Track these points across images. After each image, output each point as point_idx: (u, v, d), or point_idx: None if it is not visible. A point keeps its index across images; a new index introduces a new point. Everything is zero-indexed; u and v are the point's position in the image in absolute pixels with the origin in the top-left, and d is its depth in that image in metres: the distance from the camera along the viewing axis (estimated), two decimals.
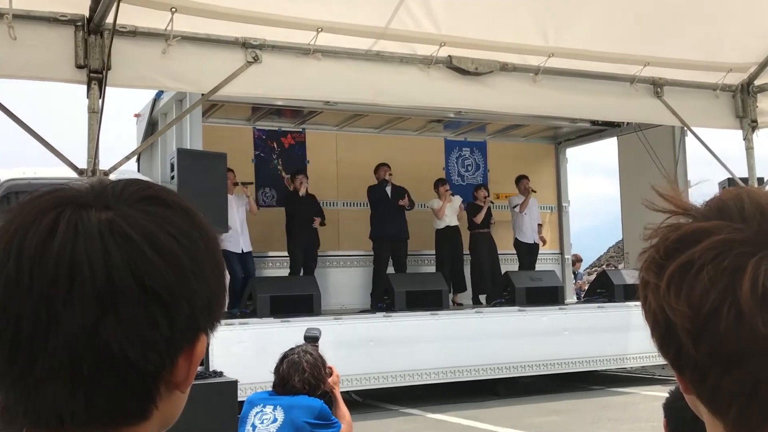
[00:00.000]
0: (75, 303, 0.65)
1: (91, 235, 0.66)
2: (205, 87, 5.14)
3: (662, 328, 0.74)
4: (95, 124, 4.66)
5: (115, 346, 0.65)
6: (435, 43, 5.47)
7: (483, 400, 9.50)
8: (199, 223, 0.73)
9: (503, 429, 7.98)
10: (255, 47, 5.12)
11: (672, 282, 0.72)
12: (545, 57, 5.72)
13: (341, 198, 11.82)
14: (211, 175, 8.68)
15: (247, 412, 3.53)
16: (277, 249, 10.87)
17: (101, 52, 4.69)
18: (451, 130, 12.79)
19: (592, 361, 10.32)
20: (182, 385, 0.71)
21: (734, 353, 0.69)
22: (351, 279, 11.62)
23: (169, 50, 4.93)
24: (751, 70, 6.44)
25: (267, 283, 9.64)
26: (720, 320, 0.69)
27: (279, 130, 11.75)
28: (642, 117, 7.09)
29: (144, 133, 10.24)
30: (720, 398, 0.71)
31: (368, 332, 9.23)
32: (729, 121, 6.61)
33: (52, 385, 0.65)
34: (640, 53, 5.90)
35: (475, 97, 5.73)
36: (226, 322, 8.51)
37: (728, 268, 0.69)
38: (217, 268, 0.74)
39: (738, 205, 0.73)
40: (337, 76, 5.32)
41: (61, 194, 0.70)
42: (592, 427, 7.99)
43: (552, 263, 13.09)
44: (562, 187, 13.72)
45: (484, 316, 10.00)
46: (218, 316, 0.74)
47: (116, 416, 0.67)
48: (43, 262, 0.65)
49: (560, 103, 6.05)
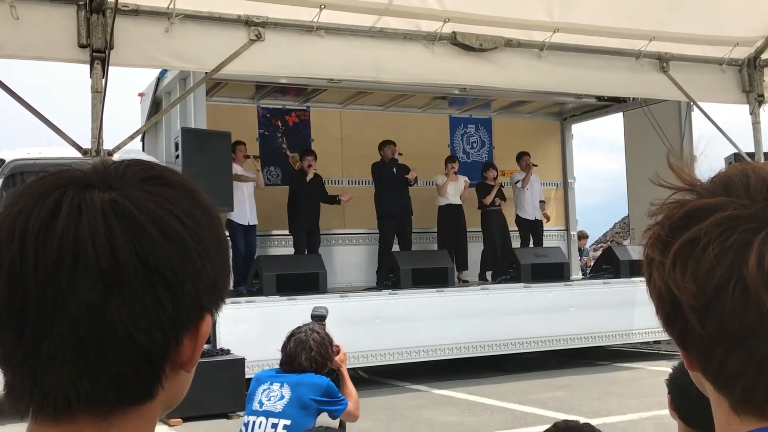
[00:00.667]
0: (79, 284, 0.65)
1: (95, 215, 0.66)
2: (208, 65, 5.12)
3: (668, 305, 0.74)
4: (98, 104, 4.65)
5: (120, 327, 0.65)
6: (439, 20, 5.42)
7: (489, 376, 9.55)
8: (203, 202, 0.73)
9: (509, 404, 8.03)
10: (258, 25, 5.08)
11: (678, 259, 0.72)
12: (550, 32, 5.67)
13: (346, 176, 11.81)
14: (216, 154, 8.70)
15: (255, 390, 3.55)
16: (280, 227, 10.89)
17: (104, 31, 4.66)
18: (456, 107, 12.73)
19: (597, 336, 10.35)
20: (187, 365, 0.72)
21: (740, 330, 0.69)
22: (356, 257, 11.65)
23: (172, 29, 4.90)
24: (758, 44, 6.37)
25: (273, 261, 9.67)
26: (726, 297, 0.69)
27: (283, 109, 11.72)
28: (648, 92, 7.03)
29: (148, 113, 10.23)
30: (726, 375, 0.71)
31: (374, 310, 9.27)
32: (735, 96, 6.55)
33: (58, 366, 0.65)
34: (645, 28, 5.84)
35: (479, 74, 5.68)
36: (233, 301, 8.57)
37: (734, 244, 0.69)
38: (221, 247, 0.73)
39: (743, 181, 0.73)
40: (340, 53, 5.29)
41: (63, 175, 0.70)
42: (598, 402, 8.02)
43: (557, 240, 13.09)
44: (567, 163, 13.67)
45: (490, 293, 10.03)
46: (223, 296, 0.74)
47: (123, 396, 0.68)
48: (47, 243, 0.65)
49: (565, 79, 6.00)
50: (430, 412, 7.85)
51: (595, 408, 7.68)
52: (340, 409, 3.53)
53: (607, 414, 7.34)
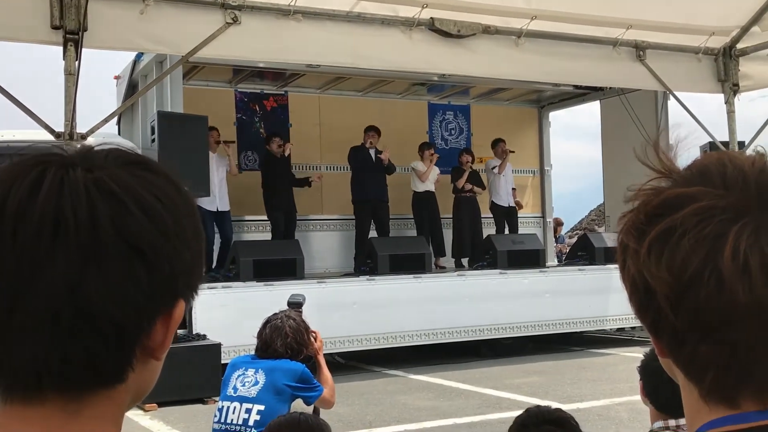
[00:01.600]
0: (58, 256, 0.65)
1: (77, 189, 0.66)
2: (184, 49, 5.06)
3: (641, 293, 0.74)
4: (72, 87, 4.58)
5: (96, 300, 0.65)
6: (417, 5, 5.40)
7: (465, 362, 9.63)
8: (182, 189, 0.74)
9: (485, 390, 8.11)
10: (234, 8, 5.03)
11: (653, 247, 0.72)
12: (528, 19, 5.67)
13: (324, 162, 11.78)
14: (192, 138, 8.62)
15: (230, 375, 3.56)
16: (258, 213, 10.86)
17: (77, 12, 4.59)
18: (435, 94, 12.74)
19: (572, 322, 10.47)
20: (158, 350, 0.72)
21: (714, 320, 0.69)
22: (334, 242, 11.66)
23: (147, 11, 4.83)
24: (734, 33, 6.41)
25: (250, 246, 9.65)
26: (700, 287, 0.69)
27: (261, 93, 11.65)
28: (624, 81, 7.07)
29: (124, 95, 10.11)
30: (697, 364, 0.72)
31: (352, 295, 9.30)
32: (711, 85, 6.60)
33: (31, 339, 0.65)
34: (622, 16, 5.87)
35: (456, 62, 5.68)
36: (209, 286, 8.53)
37: (710, 235, 0.69)
38: (199, 236, 0.74)
39: (720, 170, 0.73)
40: (317, 38, 5.25)
41: (45, 154, 0.70)
42: (572, 387, 8.12)
43: (534, 227, 13.18)
44: (544, 150, 13.75)
45: (467, 279, 10.09)
46: (197, 283, 0.74)
47: (92, 376, 0.67)
48: (27, 215, 0.65)
49: (542, 68, 6.01)
50: (406, 397, 7.90)
51: (569, 393, 7.77)
52: (315, 395, 3.54)
53: (581, 399, 7.44)
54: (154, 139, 9.00)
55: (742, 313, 0.68)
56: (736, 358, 0.69)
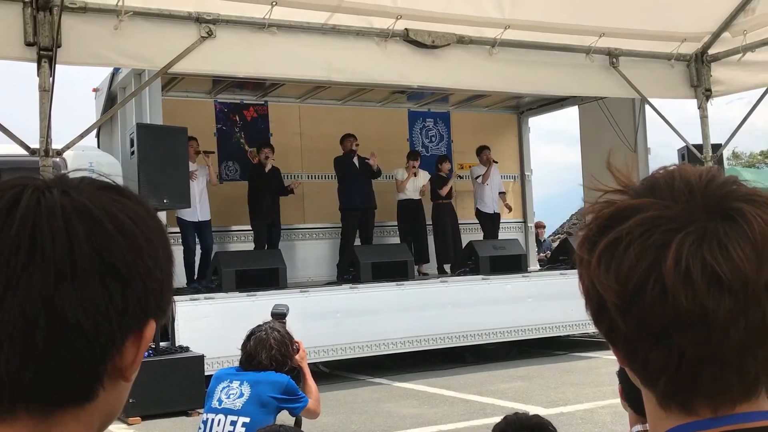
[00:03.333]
0: (34, 270, 0.66)
1: (54, 208, 0.68)
2: (159, 63, 5.06)
3: (594, 302, 0.77)
4: (46, 103, 4.58)
5: (70, 314, 0.67)
6: (391, 16, 5.43)
7: (449, 368, 9.64)
8: (153, 213, 0.76)
9: (469, 396, 8.11)
10: (209, 22, 5.04)
11: (602, 258, 0.74)
12: (501, 29, 5.71)
13: (305, 170, 11.77)
14: (172, 149, 8.58)
15: (214, 387, 3.55)
16: (240, 223, 10.83)
17: (51, 29, 4.59)
18: (415, 101, 12.78)
19: (555, 327, 10.50)
20: (128, 370, 0.73)
21: (660, 327, 0.71)
22: (317, 251, 11.64)
23: (121, 26, 4.84)
24: (705, 39, 6.50)
25: (232, 257, 9.62)
26: (645, 295, 0.71)
27: (241, 103, 11.64)
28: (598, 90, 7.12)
29: (103, 108, 10.06)
30: (649, 371, 0.74)
31: (335, 304, 9.29)
32: (684, 91, 6.68)
33: (5, 352, 0.66)
34: (595, 24, 5.92)
35: (430, 74, 5.71)
36: (192, 297, 8.50)
37: (654, 244, 0.71)
38: (169, 257, 0.76)
39: (668, 183, 0.75)
40: (292, 52, 5.27)
41: (21, 179, 0.72)
42: (555, 391, 8.15)
43: (515, 232, 13.22)
44: (524, 156, 13.80)
45: (449, 286, 10.11)
46: (167, 304, 0.76)
47: (63, 392, 0.69)
48: (4, 230, 0.67)
49: (517, 78, 6.06)
50: (390, 404, 7.90)
51: (553, 398, 7.80)
52: (300, 406, 3.54)
53: (564, 403, 7.46)
54: (133, 151, 8.95)
55: (687, 319, 0.70)
56: (684, 364, 0.71)
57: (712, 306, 0.69)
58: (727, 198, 0.73)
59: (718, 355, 0.71)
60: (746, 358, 0.71)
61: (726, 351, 0.70)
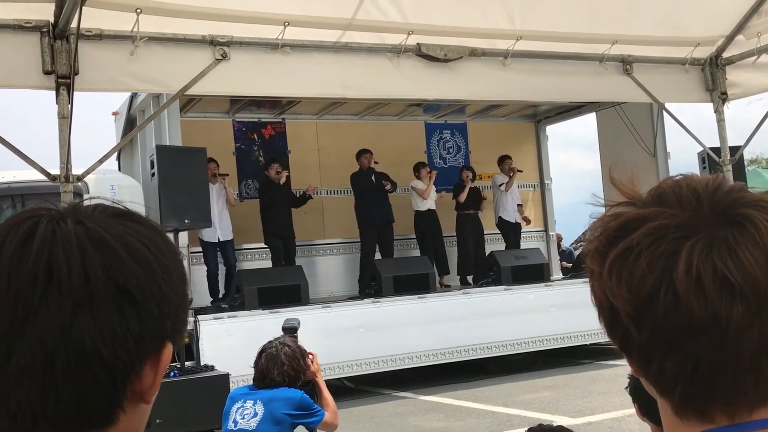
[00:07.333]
0: (51, 300, 0.68)
1: (68, 238, 0.70)
2: (174, 87, 5.13)
3: (608, 313, 0.77)
4: (66, 130, 4.66)
5: (89, 342, 0.68)
6: (403, 32, 5.46)
7: (474, 380, 9.60)
8: (167, 238, 0.78)
9: (495, 407, 8.07)
10: (223, 44, 5.11)
11: (613, 269, 0.75)
12: (513, 40, 5.72)
13: (324, 186, 11.82)
14: (192, 170, 8.67)
15: (229, 408, 3.56)
16: (259, 240, 10.89)
17: (68, 57, 4.67)
18: (431, 113, 12.79)
19: (580, 335, 10.41)
20: (147, 392, 0.74)
21: (673, 335, 0.71)
22: (338, 267, 11.66)
23: (137, 52, 4.91)
24: (719, 43, 6.46)
25: (254, 275, 9.67)
26: (658, 304, 0.71)
27: (259, 122, 11.73)
28: (613, 95, 7.10)
29: (123, 131, 10.20)
30: (665, 379, 0.74)
31: (357, 319, 9.29)
32: (699, 95, 6.64)
33: (27, 382, 0.68)
34: (607, 31, 5.91)
35: (445, 86, 5.73)
36: (215, 316, 8.56)
37: (664, 252, 0.72)
38: (184, 281, 0.78)
39: (675, 192, 0.76)
40: (305, 70, 5.32)
41: (36, 209, 0.74)
42: (582, 401, 8.08)
43: (537, 241, 13.16)
44: (543, 164, 13.74)
45: (472, 297, 10.08)
46: (183, 326, 0.78)
47: (85, 418, 0.70)
48: (21, 262, 0.69)
49: (531, 86, 6.05)
50: (416, 418, 7.88)
51: (580, 407, 7.74)
52: (316, 420, 3.53)
53: (592, 413, 7.40)
54: (154, 173, 9.06)
55: (700, 326, 0.70)
56: (699, 371, 0.71)
57: (725, 312, 0.70)
58: (735, 204, 0.73)
59: (732, 361, 0.71)
60: (761, 363, 0.71)
61: (740, 356, 0.71)
